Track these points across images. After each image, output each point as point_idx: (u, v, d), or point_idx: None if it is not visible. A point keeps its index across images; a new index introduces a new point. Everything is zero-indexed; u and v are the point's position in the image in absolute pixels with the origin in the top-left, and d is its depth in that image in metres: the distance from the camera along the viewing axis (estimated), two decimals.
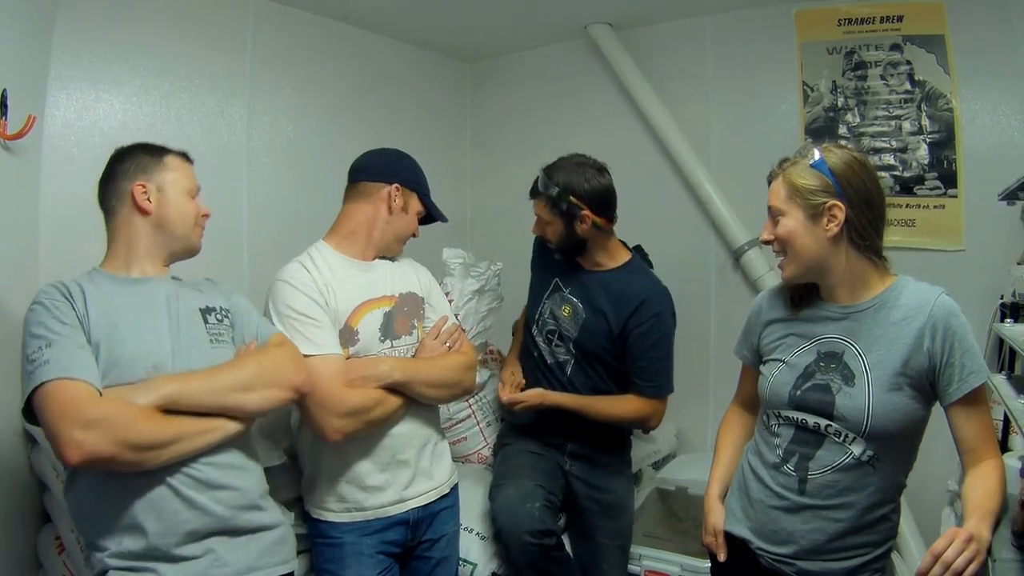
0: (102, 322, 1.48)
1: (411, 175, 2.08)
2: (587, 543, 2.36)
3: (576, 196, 2.23)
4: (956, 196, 2.84)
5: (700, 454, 3.12)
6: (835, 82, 3.06)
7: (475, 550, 2.22)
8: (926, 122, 2.89)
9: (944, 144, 2.86)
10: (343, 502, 1.90)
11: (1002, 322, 2.30)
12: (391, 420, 1.91)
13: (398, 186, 2.02)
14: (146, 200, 1.61)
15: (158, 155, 1.67)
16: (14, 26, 2.07)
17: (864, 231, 1.52)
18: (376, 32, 3.50)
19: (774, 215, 1.60)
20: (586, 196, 2.23)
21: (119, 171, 1.64)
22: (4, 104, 1.94)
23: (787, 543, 1.57)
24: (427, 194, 2.11)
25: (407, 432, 1.96)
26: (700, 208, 3.34)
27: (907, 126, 2.93)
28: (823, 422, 1.53)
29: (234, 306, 1.74)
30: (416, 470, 1.97)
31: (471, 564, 2.20)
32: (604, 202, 2.28)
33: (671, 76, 3.43)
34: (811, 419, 1.54)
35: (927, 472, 1.76)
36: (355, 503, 1.89)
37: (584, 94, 3.70)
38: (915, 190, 2.91)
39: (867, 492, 1.51)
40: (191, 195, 1.71)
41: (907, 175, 2.92)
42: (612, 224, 2.34)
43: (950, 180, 2.85)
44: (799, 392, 1.57)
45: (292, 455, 2.05)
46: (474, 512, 2.30)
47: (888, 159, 2.95)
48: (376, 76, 3.53)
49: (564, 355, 2.37)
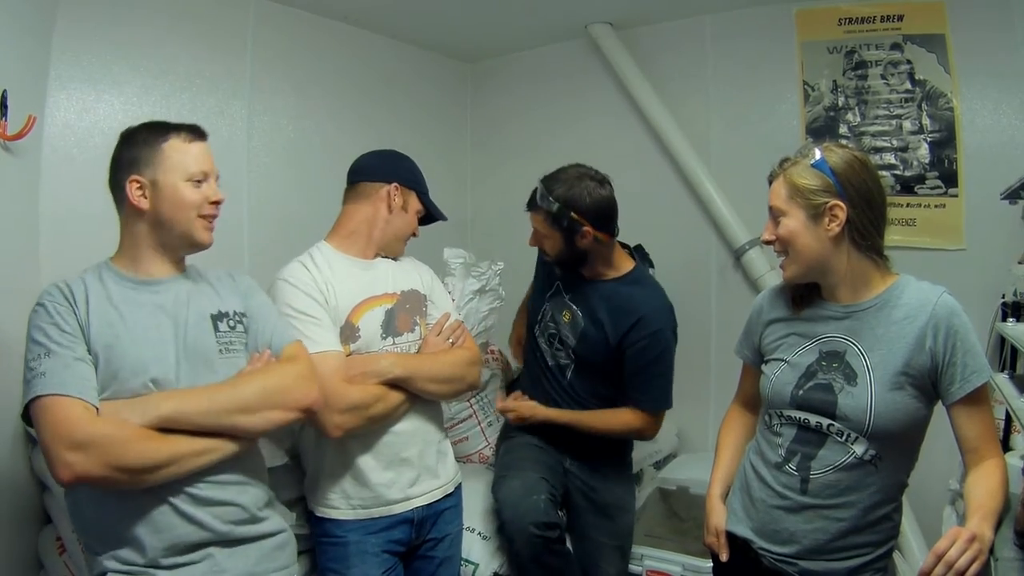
0: (103, 331, 1.43)
1: (409, 174, 2.09)
2: (584, 541, 2.36)
3: (577, 212, 2.14)
4: (957, 195, 2.84)
5: (701, 454, 3.12)
6: (836, 81, 3.06)
7: (477, 550, 2.22)
8: (927, 121, 2.89)
9: (945, 143, 2.86)
10: (348, 499, 1.90)
11: (1003, 321, 2.30)
12: (393, 416, 1.92)
13: (397, 185, 2.03)
14: (140, 197, 1.51)
15: (158, 140, 1.53)
16: (14, 26, 2.07)
17: (865, 231, 1.51)
18: (376, 32, 3.50)
19: (775, 215, 1.59)
20: (588, 212, 2.15)
21: (120, 160, 1.54)
22: (4, 105, 1.94)
23: (789, 543, 1.57)
24: (426, 193, 2.11)
25: (410, 430, 1.96)
26: (701, 207, 3.34)
27: (908, 125, 2.93)
28: (825, 421, 1.52)
29: (251, 308, 1.67)
30: (420, 468, 1.97)
31: (473, 564, 2.19)
32: (606, 216, 2.20)
33: (672, 76, 3.43)
34: (813, 419, 1.54)
35: (928, 471, 1.75)
36: (360, 501, 1.89)
37: (584, 94, 3.70)
38: (916, 189, 2.91)
39: (869, 491, 1.50)
40: (193, 181, 1.54)
41: (908, 174, 2.92)
42: (614, 237, 2.28)
43: (951, 179, 2.85)
44: (801, 392, 1.56)
45: (294, 455, 2.05)
46: (476, 512, 2.29)
47: (889, 158, 2.95)
48: (376, 76, 3.54)
49: (564, 359, 2.36)
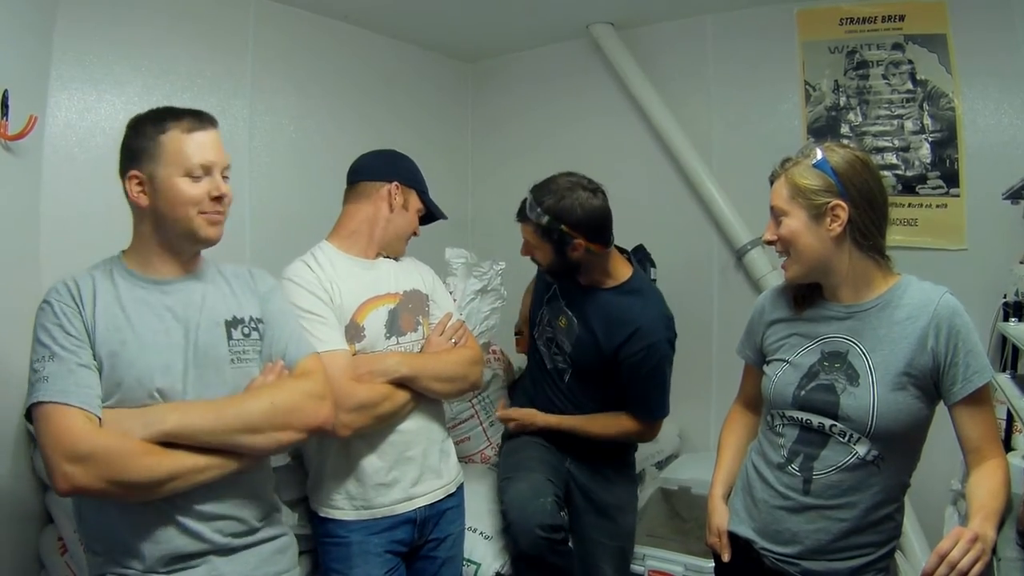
0: (109, 336, 1.39)
1: (409, 173, 2.10)
2: (584, 542, 2.35)
3: (568, 224, 2.09)
4: (958, 195, 2.84)
5: (703, 454, 3.11)
6: (837, 81, 3.06)
7: (479, 550, 2.22)
8: (928, 121, 2.89)
9: (946, 143, 2.86)
10: (351, 499, 1.90)
11: (1005, 321, 2.30)
12: (399, 415, 1.92)
13: (397, 184, 2.03)
14: (140, 194, 1.44)
15: (157, 131, 1.44)
16: (15, 26, 2.07)
17: (867, 230, 1.51)
18: (377, 32, 3.50)
19: (777, 215, 1.59)
20: (579, 224, 2.09)
21: (124, 152, 1.47)
22: (5, 104, 1.94)
23: (791, 543, 1.56)
24: (426, 192, 2.12)
25: (414, 429, 1.96)
26: (702, 207, 3.34)
27: (909, 125, 2.93)
28: (827, 422, 1.52)
29: (268, 314, 1.61)
30: (423, 467, 1.97)
31: (475, 564, 2.19)
32: (598, 227, 2.13)
33: (673, 75, 3.43)
34: (815, 419, 1.54)
35: (930, 472, 1.75)
36: (363, 500, 1.89)
37: (586, 94, 3.70)
38: (917, 189, 2.91)
39: (871, 492, 1.50)
40: (191, 176, 1.44)
41: (909, 174, 2.92)
42: (608, 248, 2.22)
43: (952, 179, 2.85)
44: (803, 392, 1.56)
45: (297, 455, 2.04)
46: (478, 512, 2.29)
47: (890, 158, 2.95)
48: (378, 76, 3.54)
49: (562, 363, 2.35)
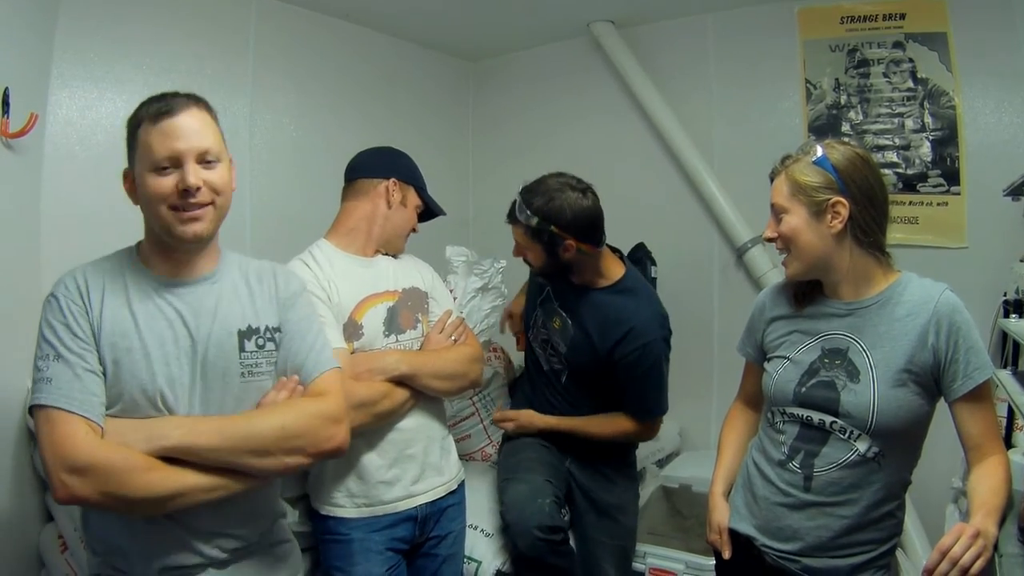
0: (115, 342, 1.33)
1: (407, 169, 2.10)
2: (586, 541, 2.35)
3: (558, 225, 2.09)
4: (959, 194, 2.84)
5: (703, 452, 3.11)
6: (838, 79, 3.06)
7: (480, 547, 2.22)
8: (929, 120, 2.89)
9: (947, 142, 2.85)
10: (352, 497, 1.90)
11: (1006, 318, 2.29)
12: (398, 413, 1.92)
13: (395, 180, 2.03)
14: (130, 192, 1.40)
15: (134, 125, 1.37)
16: (16, 24, 2.07)
17: (868, 227, 1.51)
18: (378, 31, 3.50)
19: (777, 212, 1.59)
20: (569, 225, 2.08)
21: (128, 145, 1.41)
22: (6, 102, 1.94)
23: (792, 540, 1.57)
24: (424, 188, 2.12)
25: (414, 427, 1.96)
26: (703, 205, 3.33)
27: (910, 124, 2.93)
28: (828, 419, 1.52)
29: (288, 322, 1.51)
30: (424, 465, 1.97)
31: (476, 561, 2.19)
32: (589, 228, 2.12)
33: (674, 74, 3.43)
34: (816, 416, 1.54)
35: (931, 470, 1.75)
36: (364, 498, 1.89)
37: (587, 92, 3.70)
38: (918, 187, 2.91)
39: (872, 489, 1.50)
40: (158, 169, 1.33)
41: (910, 172, 2.92)
42: (600, 248, 2.21)
43: (953, 178, 2.85)
44: (804, 389, 1.56)
45: None
46: (479, 509, 2.29)
47: (891, 156, 2.95)
48: (378, 75, 3.53)
49: (558, 364, 2.35)
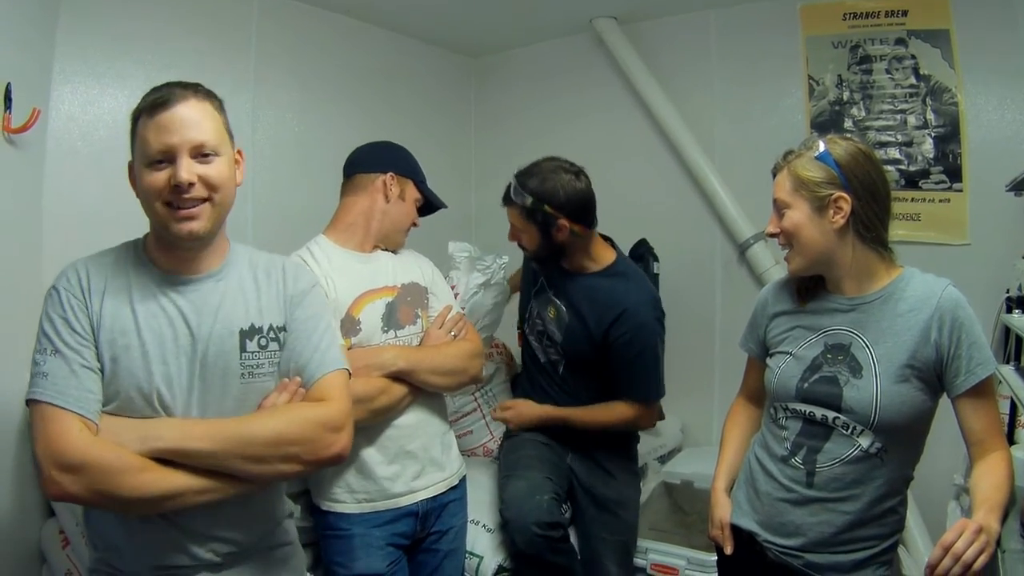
0: (114, 339, 1.32)
1: (404, 163, 2.08)
2: (587, 537, 2.35)
3: (552, 205, 2.14)
4: (961, 190, 2.83)
5: (705, 448, 3.11)
6: (840, 76, 3.05)
7: (482, 543, 2.22)
8: (931, 116, 2.88)
9: (949, 138, 2.85)
10: (353, 492, 1.90)
11: (1008, 314, 2.29)
12: (396, 409, 1.92)
13: (393, 175, 2.02)
14: (134, 184, 1.38)
15: (133, 120, 1.36)
16: (18, 20, 2.07)
17: (870, 223, 1.51)
18: (380, 27, 3.49)
19: (779, 208, 1.59)
20: (563, 205, 2.14)
21: None
22: (8, 98, 1.94)
23: (794, 536, 1.57)
24: (423, 181, 2.11)
25: (413, 422, 1.96)
26: (705, 202, 3.33)
27: (912, 120, 2.92)
28: (831, 414, 1.52)
29: (294, 320, 1.48)
30: (425, 460, 1.97)
31: (477, 557, 2.20)
32: (582, 209, 2.18)
33: (676, 70, 3.42)
34: (819, 412, 1.54)
35: (933, 467, 1.74)
36: (365, 494, 1.90)
37: (589, 88, 3.69)
38: (920, 184, 2.90)
39: (875, 485, 1.50)
40: (153, 164, 1.31)
41: (912, 169, 2.91)
42: (592, 230, 2.26)
43: (955, 174, 2.84)
44: (807, 384, 1.56)
45: None
46: (481, 505, 2.30)
47: (893, 153, 2.94)
48: (381, 71, 3.53)
49: (555, 355, 2.36)
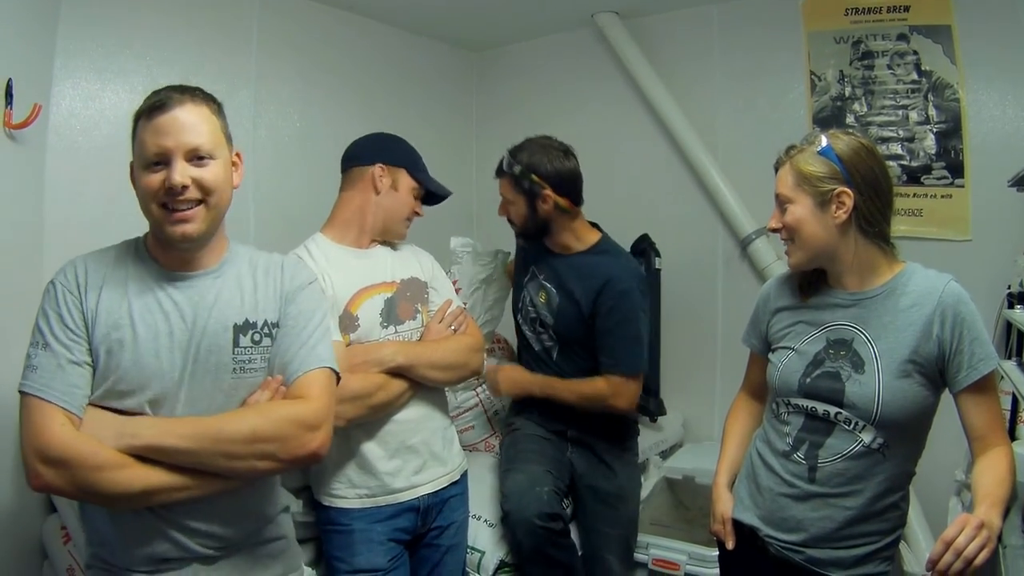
0: (108, 334, 1.34)
1: (395, 152, 2.06)
2: (587, 530, 2.36)
3: (538, 175, 2.25)
4: (963, 186, 2.83)
5: (707, 443, 3.12)
6: (842, 71, 3.04)
7: (483, 537, 2.23)
8: (933, 112, 2.87)
9: (951, 134, 2.84)
10: (354, 488, 1.90)
11: (1011, 309, 2.29)
12: (395, 404, 1.92)
13: (382, 165, 2.00)
14: (134, 184, 1.40)
15: (136, 117, 1.37)
16: (19, 15, 2.07)
17: (873, 217, 1.51)
18: (382, 21, 3.48)
19: (782, 203, 1.59)
20: (548, 176, 2.25)
21: None
22: (9, 93, 1.93)
23: (796, 531, 1.57)
24: (419, 169, 2.08)
25: (414, 417, 1.96)
26: (707, 197, 3.32)
27: (914, 116, 2.91)
28: (833, 410, 1.52)
29: (286, 316, 1.48)
30: (426, 455, 1.97)
31: (479, 552, 2.20)
32: (567, 181, 2.28)
33: (678, 65, 3.41)
34: (821, 407, 1.54)
35: (934, 463, 1.74)
36: (366, 489, 1.90)
37: (591, 83, 3.68)
38: (922, 180, 2.89)
39: (877, 480, 1.50)
40: (150, 166, 1.34)
41: (914, 165, 2.91)
42: (577, 207, 2.34)
43: (957, 170, 2.84)
44: (809, 380, 1.56)
45: None
46: (482, 499, 2.30)
47: (895, 149, 2.93)
48: (382, 66, 3.52)
49: (548, 341, 2.39)
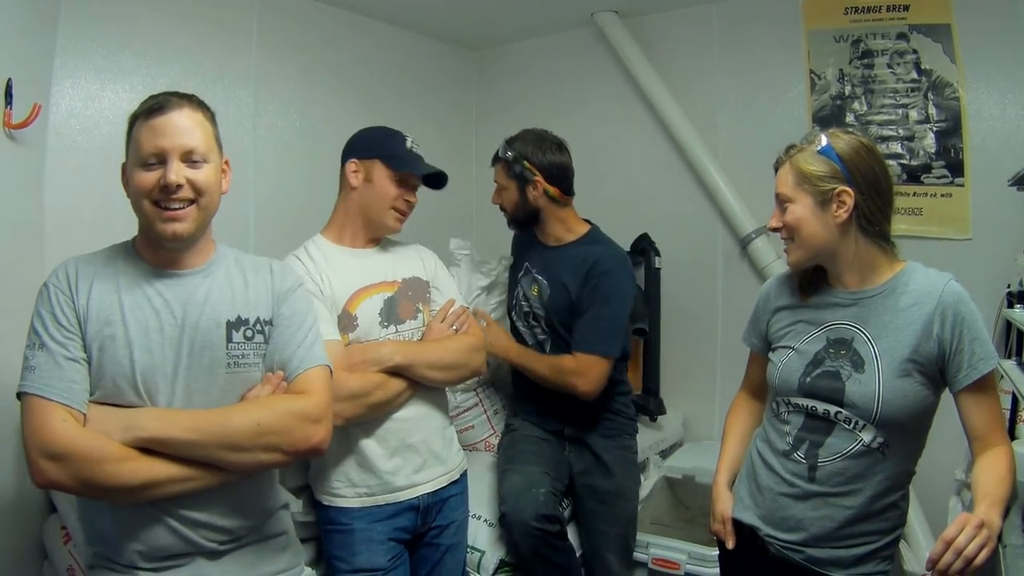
0: (100, 330, 1.35)
1: (363, 145, 2.04)
2: (586, 530, 2.37)
3: (530, 162, 2.33)
4: (963, 185, 2.83)
5: (707, 443, 3.12)
6: (842, 70, 3.04)
7: (483, 537, 2.23)
8: (933, 111, 2.87)
9: (951, 133, 2.84)
10: (353, 486, 1.90)
11: (1010, 309, 2.29)
12: (394, 403, 1.92)
13: (354, 161, 1.99)
14: (126, 184, 1.42)
15: (133, 119, 1.40)
16: (19, 14, 2.06)
17: (873, 217, 1.51)
18: (382, 21, 3.48)
19: (782, 202, 1.59)
20: (540, 164, 2.34)
21: None
22: (9, 93, 1.93)
23: (796, 530, 1.57)
24: (392, 156, 1.99)
25: (414, 416, 1.96)
26: (707, 196, 3.32)
27: (914, 115, 2.91)
28: (833, 409, 1.52)
29: (281, 316, 1.50)
30: (426, 454, 1.97)
31: (479, 551, 2.20)
32: (558, 173, 2.36)
33: (678, 64, 3.41)
34: (821, 406, 1.54)
35: (934, 462, 1.74)
36: (366, 488, 1.90)
37: (591, 82, 3.68)
38: (922, 179, 2.89)
39: (877, 479, 1.50)
40: (145, 164, 1.35)
41: (914, 164, 2.91)
42: (567, 198, 2.41)
43: (957, 169, 2.83)
44: (809, 379, 1.56)
45: None
46: (482, 499, 2.30)
47: (895, 147, 2.93)
48: (383, 65, 3.52)
49: (541, 335, 2.42)
